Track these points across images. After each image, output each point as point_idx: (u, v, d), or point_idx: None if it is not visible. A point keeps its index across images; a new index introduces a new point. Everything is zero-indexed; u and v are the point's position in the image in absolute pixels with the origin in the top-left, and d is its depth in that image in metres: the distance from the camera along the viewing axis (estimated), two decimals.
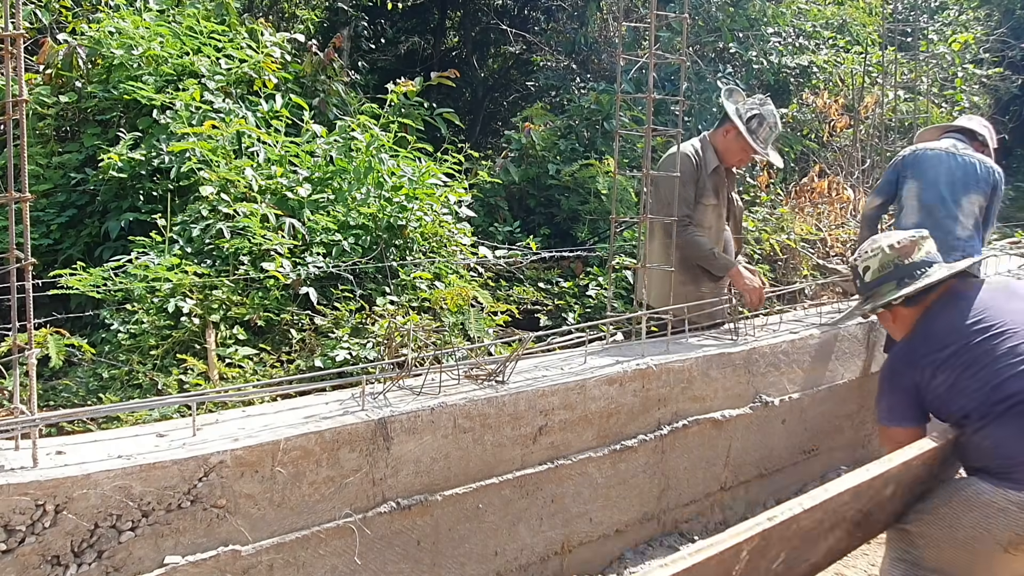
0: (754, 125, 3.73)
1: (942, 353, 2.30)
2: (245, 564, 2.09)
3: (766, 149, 3.77)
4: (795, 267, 6.11)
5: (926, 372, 2.32)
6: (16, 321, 1.93)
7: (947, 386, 2.28)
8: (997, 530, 2.12)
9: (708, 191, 3.77)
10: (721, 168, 3.83)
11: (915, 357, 2.37)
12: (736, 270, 3.71)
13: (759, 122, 3.73)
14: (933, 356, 2.32)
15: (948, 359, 2.29)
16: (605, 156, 6.31)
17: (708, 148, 3.80)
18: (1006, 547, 2.11)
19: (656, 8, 3.44)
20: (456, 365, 2.85)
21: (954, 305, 2.40)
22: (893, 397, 2.43)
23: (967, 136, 4.16)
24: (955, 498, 2.24)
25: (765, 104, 3.76)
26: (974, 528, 2.15)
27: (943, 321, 2.38)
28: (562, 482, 2.84)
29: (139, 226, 4.12)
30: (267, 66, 5.09)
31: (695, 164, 3.72)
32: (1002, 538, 2.11)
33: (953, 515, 2.20)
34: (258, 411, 2.43)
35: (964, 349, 2.27)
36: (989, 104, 10.84)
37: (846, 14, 9.23)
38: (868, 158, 8.03)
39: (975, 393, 2.21)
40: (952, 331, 2.33)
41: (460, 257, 4.49)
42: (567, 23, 10.11)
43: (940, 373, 2.29)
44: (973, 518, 2.15)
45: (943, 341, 2.33)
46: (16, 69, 1.90)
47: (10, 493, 1.77)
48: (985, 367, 2.22)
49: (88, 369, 3.29)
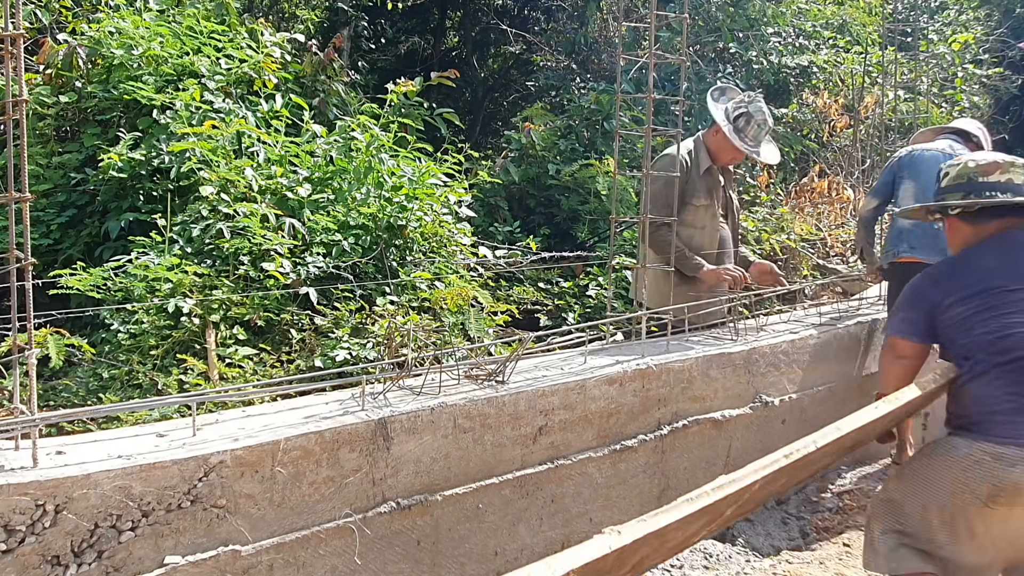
0: (741, 124, 3.72)
1: (971, 288, 2.29)
2: (245, 564, 2.09)
3: (756, 147, 3.75)
4: (795, 267, 6.12)
5: (949, 298, 2.31)
6: (16, 321, 1.93)
7: (960, 319, 2.27)
8: (975, 483, 2.12)
9: (699, 192, 3.76)
10: (714, 168, 3.82)
11: (946, 281, 2.37)
12: (705, 270, 3.69)
13: (746, 120, 3.72)
14: (962, 285, 2.31)
15: (973, 295, 2.27)
16: (605, 156, 6.31)
17: (701, 148, 3.81)
18: (985, 500, 2.12)
19: (656, 8, 3.44)
20: (456, 365, 2.85)
21: (1006, 246, 2.36)
22: (911, 311, 2.42)
23: (962, 137, 4.16)
24: (934, 457, 2.27)
25: (753, 101, 3.75)
26: (954, 484, 2.16)
27: (988, 257, 2.35)
28: (562, 482, 2.84)
29: (139, 226, 4.12)
30: (267, 66, 5.09)
31: (684, 166, 3.71)
32: (980, 491, 2.12)
33: (934, 475, 2.22)
34: (258, 411, 2.43)
35: (991, 291, 2.25)
36: (989, 104, 10.83)
37: (846, 14, 9.23)
38: (868, 158, 8.03)
39: (981, 337, 2.22)
40: (990, 270, 2.31)
41: (460, 257, 4.49)
42: (567, 23, 10.11)
43: (960, 304, 2.28)
44: (952, 474, 2.17)
45: (978, 275, 2.31)
46: (16, 69, 1.90)
47: (10, 493, 1.77)
48: (1000, 316, 2.21)
49: (88, 369, 3.29)
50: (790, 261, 6.11)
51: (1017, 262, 2.31)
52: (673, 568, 3.00)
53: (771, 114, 3.89)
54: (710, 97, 3.81)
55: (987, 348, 2.20)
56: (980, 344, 2.22)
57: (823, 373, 3.88)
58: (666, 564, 3.02)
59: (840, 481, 3.99)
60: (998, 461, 2.10)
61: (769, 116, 3.78)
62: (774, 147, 3.91)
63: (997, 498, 2.10)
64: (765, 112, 3.75)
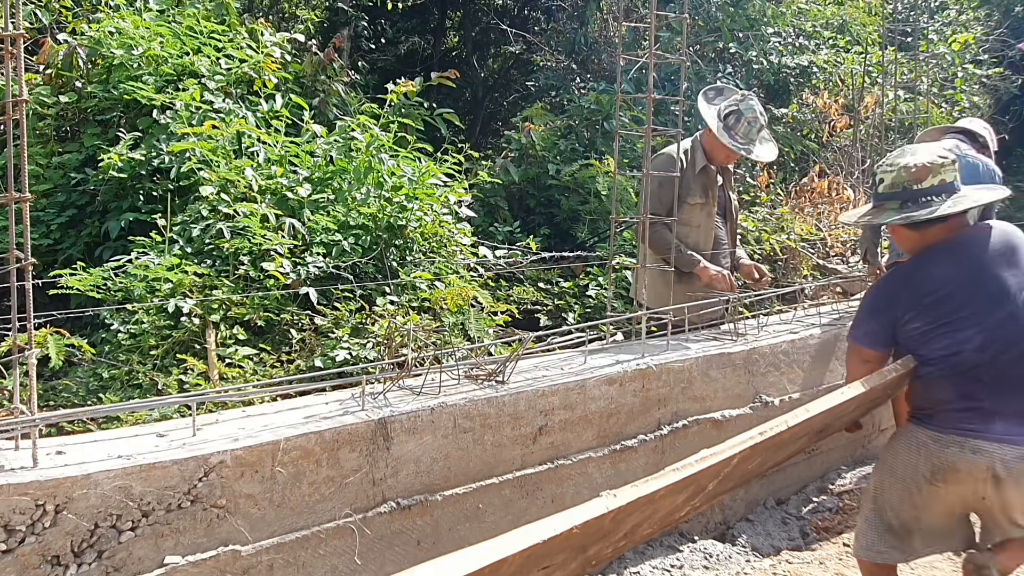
0: (731, 122, 3.72)
1: (924, 300, 2.43)
2: (245, 564, 2.09)
3: (747, 145, 3.74)
4: (795, 267, 6.11)
5: (907, 314, 2.46)
6: (16, 321, 1.93)
7: (918, 334, 2.44)
8: (920, 463, 2.43)
9: (695, 191, 3.76)
10: (711, 167, 3.82)
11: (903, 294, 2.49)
12: (701, 266, 3.70)
13: (736, 118, 3.72)
14: (918, 298, 2.45)
15: (927, 308, 2.42)
16: (605, 156, 6.31)
17: (698, 148, 3.81)
18: (930, 479, 2.41)
19: (656, 8, 3.43)
20: (456, 365, 2.85)
21: (955, 254, 2.46)
22: (872, 324, 2.58)
23: (968, 137, 4.16)
24: (892, 443, 2.61)
25: (745, 100, 3.74)
26: (905, 464, 2.48)
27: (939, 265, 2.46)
28: (562, 482, 2.84)
29: (139, 226, 4.12)
30: (267, 66, 5.09)
31: (680, 165, 3.71)
32: (925, 469, 2.42)
33: (892, 457, 2.55)
34: (258, 411, 2.43)
35: (944, 306, 2.40)
36: (989, 104, 10.83)
37: (846, 14, 9.23)
38: (868, 158, 8.03)
39: (937, 351, 2.40)
40: (943, 281, 2.43)
41: (460, 257, 4.49)
42: (567, 23, 10.11)
43: (917, 320, 2.44)
44: (904, 456, 2.50)
45: (931, 286, 2.43)
46: (16, 69, 1.90)
47: (10, 493, 1.77)
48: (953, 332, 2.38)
49: (88, 369, 3.29)
50: (790, 261, 6.11)
51: (965, 270, 2.42)
52: (673, 568, 3.00)
53: (764, 113, 3.89)
54: (702, 97, 3.81)
55: (943, 361, 2.40)
56: (937, 357, 2.41)
57: (823, 373, 3.88)
58: (666, 564, 3.02)
59: (840, 481, 3.99)
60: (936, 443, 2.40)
61: (762, 114, 3.78)
62: (771, 145, 3.90)
63: (938, 476, 2.40)
64: (756, 110, 3.73)
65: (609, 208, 5.46)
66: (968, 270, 2.42)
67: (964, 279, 2.40)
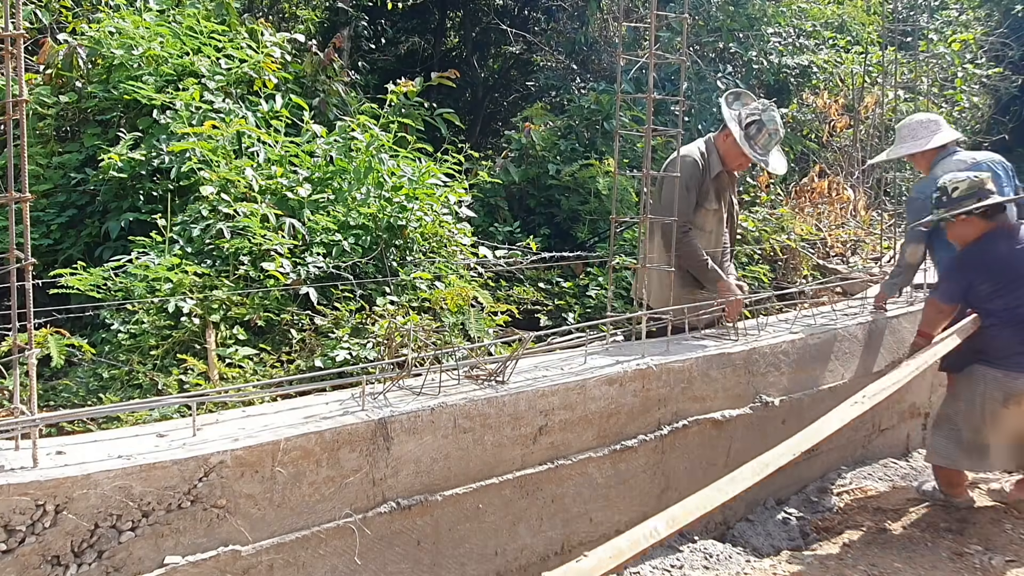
0: (753, 131, 3.71)
1: (993, 267, 3.39)
2: (245, 564, 2.09)
3: (766, 156, 3.74)
4: (795, 267, 6.11)
5: (979, 276, 3.40)
6: (16, 321, 1.93)
7: (988, 291, 3.38)
8: (996, 392, 3.37)
9: (711, 196, 3.75)
10: (724, 172, 3.81)
11: (976, 264, 3.44)
12: (723, 282, 3.69)
13: (758, 128, 3.71)
14: (987, 267, 3.40)
15: (995, 274, 3.38)
16: (605, 156, 6.31)
17: (712, 151, 3.77)
18: (1003, 403, 3.37)
19: (656, 8, 3.43)
20: (456, 365, 2.85)
21: (1007, 236, 3.43)
22: (953, 285, 3.51)
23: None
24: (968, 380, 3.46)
25: (768, 110, 3.73)
26: (983, 395, 3.40)
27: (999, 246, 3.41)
28: (562, 482, 2.84)
29: (139, 226, 4.12)
30: (267, 66, 5.09)
31: (701, 168, 3.70)
32: (999, 397, 3.37)
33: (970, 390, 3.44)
34: (258, 411, 2.43)
35: (1007, 269, 3.37)
36: (989, 104, 10.83)
37: (846, 13, 9.23)
38: (868, 158, 8.03)
39: (1003, 303, 3.35)
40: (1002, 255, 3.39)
41: (460, 257, 4.49)
42: (567, 23, 10.11)
43: (987, 281, 3.39)
44: (981, 388, 3.40)
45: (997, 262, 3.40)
46: (16, 69, 1.90)
47: (10, 493, 1.77)
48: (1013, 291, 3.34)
49: (88, 369, 3.29)
50: (790, 261, 6.11)
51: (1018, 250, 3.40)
52: (673, 568, 3.00)
53: (784, 125, 3.88)
54: (724, 102, 3.79)
55: (1007, 310, 3.35)
56: (1002, 306, 3.36)
57: (823, 373, 3.88)
58: (666, 564, 3.02)
59: (840, 481, 3.99)
60: (1006, 377, 3.36)
61: (781, 127, 3.78)
62: (783, 158, 3.91)
63: (1010, 400, 3.35)
64: (778, 122, 3.74)
65: (609, 208, 5.46)
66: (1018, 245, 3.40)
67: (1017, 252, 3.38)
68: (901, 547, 3.26)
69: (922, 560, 3.13)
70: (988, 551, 3.17)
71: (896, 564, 3.09)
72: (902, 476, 4.14)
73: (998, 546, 3.23)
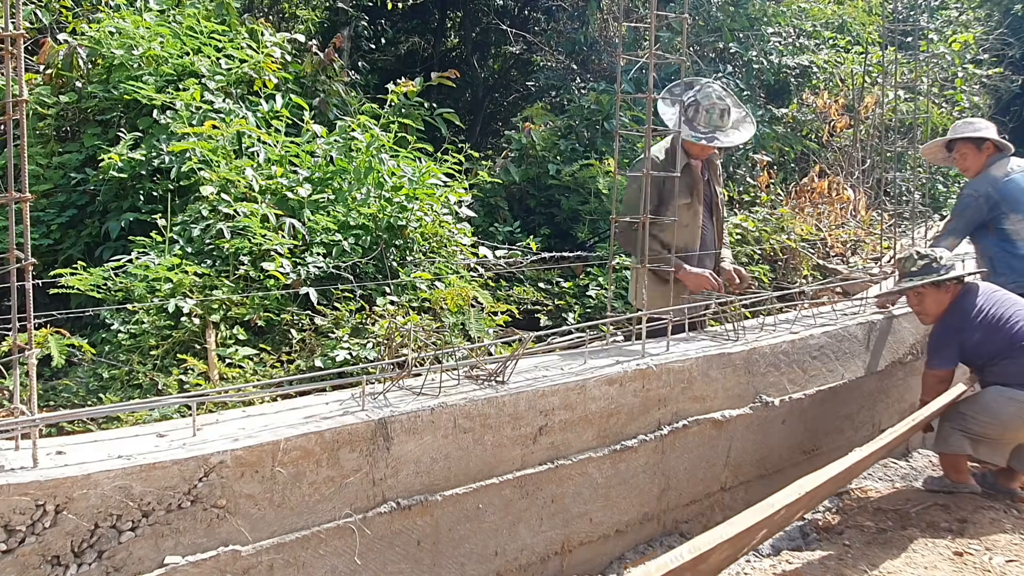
0: (690, 114, 3.64)
1: (976, 319, 3.57)
2: (245, 564, 2.09)
3: (710, 133, 3.64)
4: (795, 267, 6.11)
5: (967, 330, 3.57)
6: (16, 321, 1.93)
7: (981, 339, 3.55)
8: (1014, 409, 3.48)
9: (679, 191, 3.70)
10: (693, 164, 3.78)
11: (960, 322, 3.61)
12: (682, 272, 3.63)
13: (695, 109, 3.64)
14: (970, 321, 3.57)
15: (979, 323, 3.56)
16: (605, 156, 6.31)
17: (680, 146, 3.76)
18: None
19: (656, 8, 3.43)
20: (456, 365, 2.85)
21: (973, 293, 3.66)
22: (945, 351, 3.64)
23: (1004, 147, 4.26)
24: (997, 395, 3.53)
25: (703, 88, 3.64)
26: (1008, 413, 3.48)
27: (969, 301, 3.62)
28: (562, 482, 2.84)
29: (139, 226, 4.12)
30: (267, 66, 5.09)
31: (661, 166, 3.64)
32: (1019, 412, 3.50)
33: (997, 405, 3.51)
34: (258, 411, 2.43)
35: (989, 315, 3.56)
36: (989, 104, 10.83)
37: (846, 13, 9.23)
38: (868, 158, 8.03)
39: (1000, 341, 3.53)
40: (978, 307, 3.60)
41: (460, 257, 4.49)
42: (567, 23, 10.11)
43: (976, 332, 3.56)
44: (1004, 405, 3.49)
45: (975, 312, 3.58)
46: (16, 69, 1.90)
47: (10, 493, 1.77)
48: (1005, 326, 3.53)
49: (88, 369, 3.29)
50: (790, 261, 6.11)
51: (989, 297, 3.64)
52: None
53: (729, 94, 3.76)
54: (661, 100, 3.70)
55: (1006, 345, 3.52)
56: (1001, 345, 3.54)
57: (823, 373, 3.88)
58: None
59: None
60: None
61: (721, 98, 3.66)
62: (745, 126, 3.76)
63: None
64: (713, 96, 3.64)
65: (609, 208, 5.46)
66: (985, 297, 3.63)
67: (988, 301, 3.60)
68: (901, 547, 3.26)
69: (922, 560, 3.13)
70: (988, 551, 3.17)
71: (896, 564, 3.09)
72: (902, 476, 4.14)
73: (998, 546, 3.22)
